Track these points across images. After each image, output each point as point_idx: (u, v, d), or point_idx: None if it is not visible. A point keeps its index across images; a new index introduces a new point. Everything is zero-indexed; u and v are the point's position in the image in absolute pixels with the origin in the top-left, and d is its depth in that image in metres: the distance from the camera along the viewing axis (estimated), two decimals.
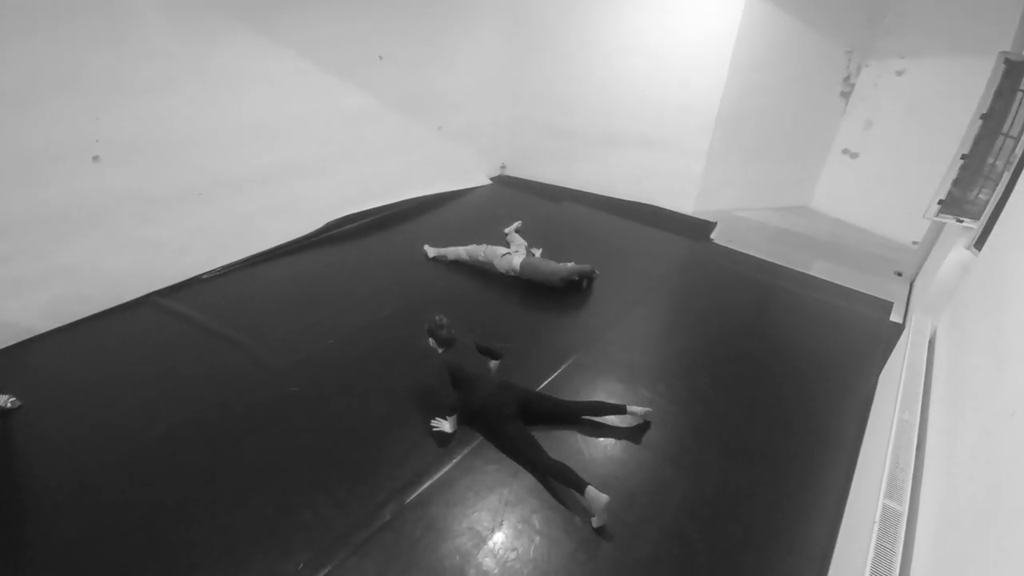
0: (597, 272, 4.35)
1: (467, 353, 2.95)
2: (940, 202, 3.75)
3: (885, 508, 1.74)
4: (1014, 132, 3.31)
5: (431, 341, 2.94)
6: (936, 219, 3.84)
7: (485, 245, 4.45)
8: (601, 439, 2.82)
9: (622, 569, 2.18)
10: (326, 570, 2.13)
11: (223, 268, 4.38)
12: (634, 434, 2.85)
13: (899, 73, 4.99)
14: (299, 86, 4.47)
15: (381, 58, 4.98)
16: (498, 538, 2.28)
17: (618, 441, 2.81)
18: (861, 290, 4.38)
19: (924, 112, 4.88)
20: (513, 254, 4.34)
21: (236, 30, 3.94)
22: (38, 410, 2.91)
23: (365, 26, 4.75)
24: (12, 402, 2.88)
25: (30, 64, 3.12)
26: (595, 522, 2.32)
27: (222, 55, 3.93)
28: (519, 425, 2.70)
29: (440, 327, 2.91)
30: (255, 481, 2.51)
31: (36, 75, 3.15)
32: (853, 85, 5.34)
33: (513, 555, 2.21)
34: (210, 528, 2.29)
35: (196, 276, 4.23)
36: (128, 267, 3.88)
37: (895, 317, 4.05)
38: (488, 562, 2.19)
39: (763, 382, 3.31)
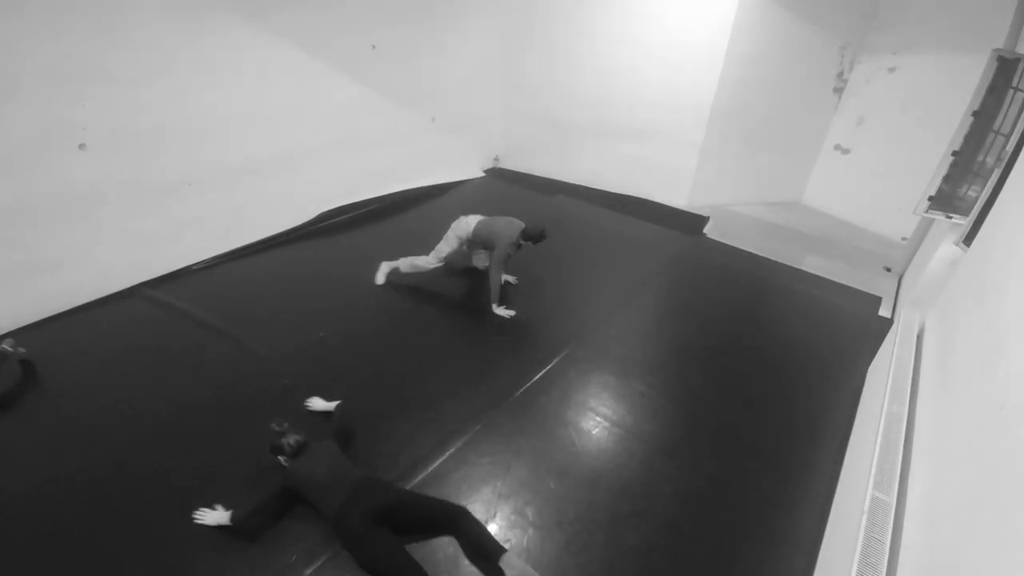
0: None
1: (325, 453, 2.37)
2: (930, 198, 3.79)
3: (874, 499, 1.76)
4: (1005, 129, 3.34)
5: (280, 459, 2.37)
6: (926, 215, 3.87)
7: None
8: (595, 431, 2.84)
9: (614, 559, 2.20)
10: (320, 562, 2.13)
11: (213, 259, 4.33)
12: (627, 426, 2.87)
13: (891, 70, 5.02)
14: (291, 75, 4.41)
15: (374, 48, 4.93)
16: (492, 530, 2.28)
17: (610, 433, 2.83)
18: (851, 285, 4.42)
19: (916, 108, 4.92)
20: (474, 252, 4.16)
21: (226, 18, 3.87)
22: (24, 403, 2.88)
23: (358, 15, 4.69)
24: (13, 346, 3.02)
25: (14, 50, 3.04)
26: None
27: (212, 43, 3.86)
28: (382, 536, 2.11)
29: (282, 435, 2.36)
30: (247, 473, 2.49)
31: (20, 61, 3.08)
32: (846, 81, 5.36)
33: (507, 546, 2.22)
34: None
35: (186, 267, 4.19)
36: (116, 258, 3.83)
37: (884, 312, 4.09)
38: None
39: (754, 375, 3.34)
